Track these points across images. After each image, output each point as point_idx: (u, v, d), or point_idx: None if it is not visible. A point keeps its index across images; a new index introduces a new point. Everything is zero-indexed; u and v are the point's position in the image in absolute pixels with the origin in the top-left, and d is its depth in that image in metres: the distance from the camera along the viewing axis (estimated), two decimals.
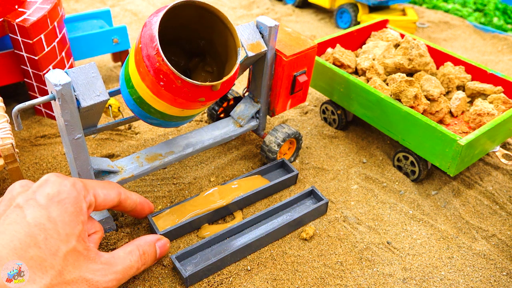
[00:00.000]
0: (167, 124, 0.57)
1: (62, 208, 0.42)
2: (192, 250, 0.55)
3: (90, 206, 0.46)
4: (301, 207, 0.63)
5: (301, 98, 0.70)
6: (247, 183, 0.65)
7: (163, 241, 0.53)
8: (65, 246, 0.41)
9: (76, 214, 0.42)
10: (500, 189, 0.70)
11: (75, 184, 0.44)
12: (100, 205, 0.48)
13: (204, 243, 0.56)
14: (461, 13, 1.39)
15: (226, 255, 0.54)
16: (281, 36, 0.65)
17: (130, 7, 1.29)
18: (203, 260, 0.55)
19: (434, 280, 0.56)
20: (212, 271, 0.54)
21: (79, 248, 0.42)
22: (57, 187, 0.43)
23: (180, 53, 0.60)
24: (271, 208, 0.61)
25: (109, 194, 0.49)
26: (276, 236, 0.59)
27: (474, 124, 0.70)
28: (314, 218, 0.62)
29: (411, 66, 0.77)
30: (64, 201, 0.42)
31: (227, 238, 0.58)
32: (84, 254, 0.43)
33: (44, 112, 0.80)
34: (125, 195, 0.52)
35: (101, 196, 0.48)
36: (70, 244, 0.41)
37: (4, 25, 0.70)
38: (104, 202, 0.48)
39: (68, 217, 0.42)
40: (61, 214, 0.41)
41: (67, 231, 0.41)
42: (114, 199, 0.50)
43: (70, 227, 0.41)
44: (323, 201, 0.62)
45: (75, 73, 0.47)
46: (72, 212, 0.42)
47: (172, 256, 0.54)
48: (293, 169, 0.67)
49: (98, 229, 0.49)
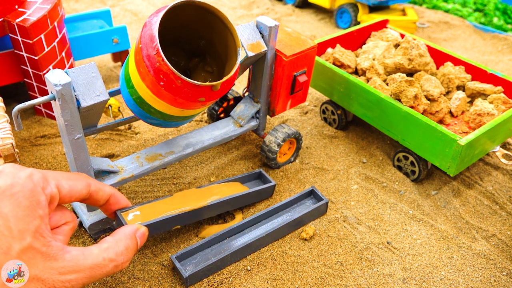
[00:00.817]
0: (167, 124, 0.57)
1: (15, 202, 0.38)
2: (192, 250, 0.55)
3: (53, 198, 0.42)
4: (301, 207, 0.63)
5: (301, 98, 0.70)
6: (225, 188, 0.62)
7: (142, 230, 0.48)
8: (18, 244, 0.37)
9: (32, 208, 0.39)
10: (500, 189, 0.70)
11: (31, 175, 0.40)
12: (66, 197, 0.44)
13: (204, 243, 0.56)
14: (461, 13, 1.39)
15: (226, 255, 0.54)
16: (281, 36, 0.65)
17: (130, 7, 1.29)
18: (203, 260, 0.55)
19: (434, 280, 0.56)
20: (212, 271, 0.54)
21: (35, 245, 0.38)
22: (10, 179, 0.39)
23: (180, 53, 0.60)
24: (271, 208, 0.61)
25: (76, 185, 0.44)
26: (276, 236, 0.59)
27: (474, 124, 0.70)
28: (314, 218, 0.62)
29: (411, 66, 0.77)
30: (17, 194, 0.38)
31: (227, 238, 0.58)
32: (42, 251, 0.39)
33: (44, 112, 0.80)
34: (96, 186, 0.47)
35: (66, 187, 0.43)
36: (24, 241, 0.38)
37: (4, 25, 0.70)
38: (69, 194, 0.44)
39: (22, 212, 0.38)
40: (13, 209, 0.38)
41: (20, 227, 0.38)
42: (82, 191, 0.45)
43: (24, 223, 0.38)
44: (323, 201, 0.62)
45: (75, 73, 0.47)
46: (26, 206, 0.38)
47: (172, 256, 0.53)
48: (270, 180, 0.65)
49: (69, 219, 0.45)
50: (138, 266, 0.55)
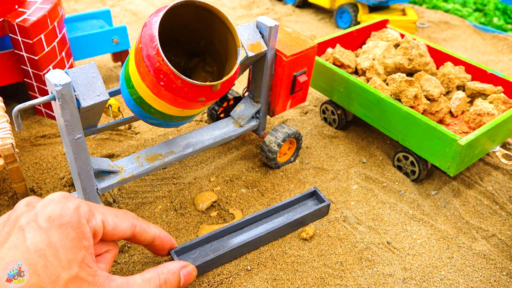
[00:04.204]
0: (167, 124, 0.57)
1: (63, 232, 0.39)
2: (191, 245, 0.56)
3: (97, 232, 0.43)
4: (302, 207, 0.63)
5: (301, 98, 0.70)
6: None
7: (189, 269, 0.49)
8: (66, 273, 0.39)
9: (78, 239, 0.40)
10: (500, 189, 0.70)
11: (79, 207, 0.41)
12: (109, 234, 0.45)
13: (203, 239, 0.56)
14: (461, 13, 1.39)
15: (225, 252, 0.54)
16: (281, 36, 0.65)
17: (130, 7, 1.29)
18: (201, 256, 0.55)
19: (434, 280, 0.56)
20: (210, 267, 0.54)
21: (82, 274, 0.40)
22: (59, 209, 0.40)
23: (180, 53, 0.60)
24: (272, 207, 0.61)
25: (121, 225, 0.46)
26: (275, 235, 0.59)
27: (474, 124, 0.70)
28: (315, 219, 0.62)
29: (411, 66, 0.77)
30: (65, 225, 0.40)
31: (227, 235, 0.58)
32: (88, 281, 0.40)
33: (44, 112, 0.80)
34: (141, 227, 0.48)
35: (111, 224, 0.45)
36: (72, 271, 0.39)
37: (4, 25, 0.70)
38: (113, 232, 0.45)
39: (70, 243, 0.39)
40: (62, 239, 0.39)
41: (68, 257, 0.39)
42: (126, 230, 0.46)
43: (72, 253, 0.39)
44: (325, 202, 0.62)
45: (75, 73, 0.47)
46: (74, 237, 0.40)
47: (171, 250, 0.53)
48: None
49: (111, 247, 0.46)
50: (138, 266, 0.55)
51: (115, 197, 0.64)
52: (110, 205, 0.63)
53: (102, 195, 0.64)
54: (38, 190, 0.65)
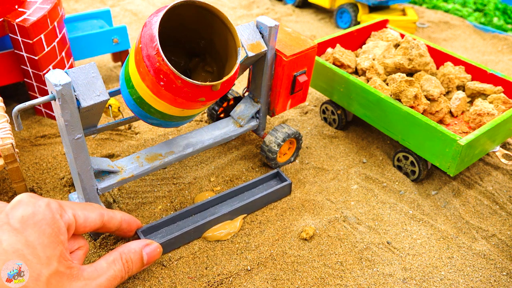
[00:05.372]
0: (167, 124, 0.57)
1: (39, 230, 0.40)
2: (158, 225, 0.58)
3: (70, 226, 0.44)
4: (265, 187, 0.67)
5: (301, 98, 0.70)
6: None
7: (152, 246, 0.51)
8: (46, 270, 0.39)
9: (55, 234, 0.41)
10: (500, 189, 0.70)
11: (49, 204, 0.42)
12: (81, 227, 0.46)
13: (169, 218, 0.59)
14: (461, 13, 1.39)
15: (189, 229, 0.57)
16: (281, 36, 0.65)
17: (130, 7, 1.29)
18: (167, 234, 0.58)
19: (434, 280, 0.56)
20: (176, 244, 0.57)
21: (61, 268, 0.41)
22: (31, 208, 0.41)
23: (180, 53, 0.60)
24: (236, 188, 0.64)
25: (90, 216, 0.47)
26: (238, 213, 0.61)
27: (474, 124, 0.70)
28: (278, 198, 0.65)
29: (411, 66, 0.77)
30: (40, 223, 0.40)
31: (193, 215, 0.61)
32: (66, 274, 0.41)
33: (44, 112, 0.80)
34: (109, 215, 0.50)
35: (82, 217, 0.46)
36: (52, 266, 0.40)
37: (4, 25, 0.70)
38: (84, 224, 0.46)
39: (47, 239, 0.40)
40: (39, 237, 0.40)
41: (47, 254, 0.40)
42: (96, 221, 0.48)
43: (50, 249, 0.40)
44: (286, 182, 0.65)
45: (75, 73, 0.47)
46: (50, 233, 0.41)
47: (137, 230, 0.56)
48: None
49: (82, 244, 0.47)
50: None
51: (115, 197, 0.64)
52: (110, 205, 0.63)
53: (102, 195, 0.64)
54: (38, 190, 0.65)
